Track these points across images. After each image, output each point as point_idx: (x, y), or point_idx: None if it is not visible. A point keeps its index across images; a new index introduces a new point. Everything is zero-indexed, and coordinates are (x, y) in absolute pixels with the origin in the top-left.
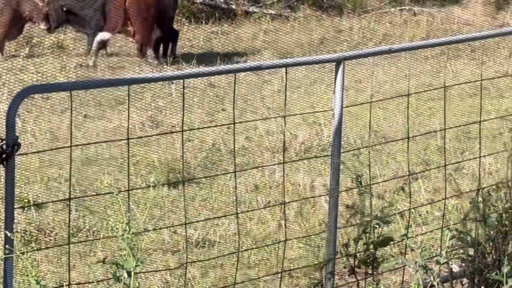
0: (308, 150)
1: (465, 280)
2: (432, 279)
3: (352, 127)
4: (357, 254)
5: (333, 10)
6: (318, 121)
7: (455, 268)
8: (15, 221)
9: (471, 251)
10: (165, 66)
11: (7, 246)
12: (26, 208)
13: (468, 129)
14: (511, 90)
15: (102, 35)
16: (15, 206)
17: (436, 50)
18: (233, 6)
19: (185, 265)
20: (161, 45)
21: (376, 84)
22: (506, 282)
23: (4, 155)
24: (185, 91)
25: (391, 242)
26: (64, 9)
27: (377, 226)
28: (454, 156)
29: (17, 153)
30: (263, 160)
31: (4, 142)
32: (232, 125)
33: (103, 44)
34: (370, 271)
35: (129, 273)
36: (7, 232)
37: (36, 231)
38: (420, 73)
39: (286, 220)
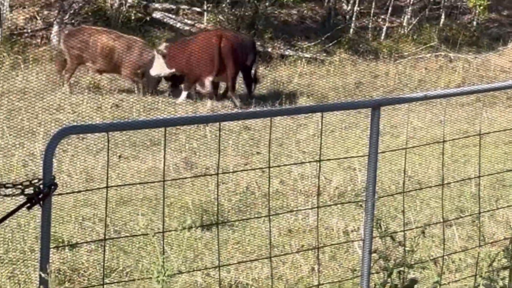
0: (342, 194)
1: None
2: None
3: (387, 172)
4: None
5: (369, 54)
6: (353, 166)
7: None
8: (49, 260)
9: None
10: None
11: (41, 287)
12: (60, 248)
13: (502, 176)
14: None
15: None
16: (50, 246)
17: (471, 97)
18: (269, 49)
19: None
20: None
21: (411, 130)
22: None
23: (41, 195)
24: (220, 133)
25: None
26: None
27: (404, 272)
28: (488, 204)
29: (53, 193)
30: (297, 204)
31: (41, 182)
32: (267, 169)
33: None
34: None
35: None
36: (41, 272)
37: (70, 271)
38: (456, 120)
39: (319, 265)
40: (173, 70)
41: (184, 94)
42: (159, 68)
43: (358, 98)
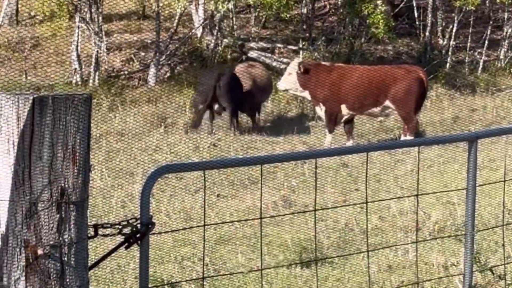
0: (441, 229)
1: None
2: None
3: (486, 206)
4: None
5: (466, 88)
6: (452, 201)
7: None
8: None
9: None
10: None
11: None
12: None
13: None
14: None
15: None
16: (149, 286)
17: None
18: None
19: None
20: None
21: (510, 163)
22: None
23: (138, 235)
24: (317, 170)
25: None
26: None
27: None
28: None
29: (151, 233)
30: (396, 240)
31: (139, 221)
32: (365, 205)
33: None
34: None
35: None
36: None
37: None
38: None
39: None
40: (306, 93)
41: (329, 137)
42: (290, 83)
43: (455, 133)
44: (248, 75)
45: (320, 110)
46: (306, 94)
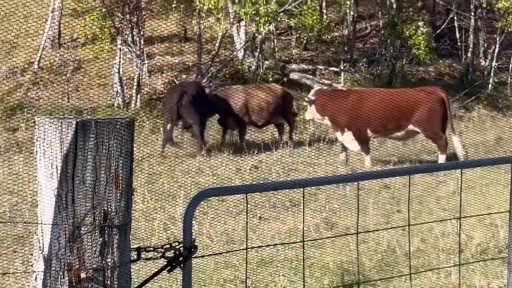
0: (484, 251)
1: None
2: None
3: None
4: None
5: (508, 110)
6: (495, 223)
7: None
8: None
9: None
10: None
11: None
12: None
13: None
14: None
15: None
16: None
17: None
18: None
19: None
20: None
21: None
22: None
23: (181, 258)
24: (359, 192)
25: None
26: None
27: None
28: None
29: (193, 256)
30: (438, 262)
31: (181, 245)
32: (407, 227)
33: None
34: None
35: None
36: None
37: None
38: None
39: None
40: (325, 118)
41: (368, 158)
42: (312, 113)
43: (498, 154)
44: (243, 94)
45: (341, 136)
46: (327, 121)
